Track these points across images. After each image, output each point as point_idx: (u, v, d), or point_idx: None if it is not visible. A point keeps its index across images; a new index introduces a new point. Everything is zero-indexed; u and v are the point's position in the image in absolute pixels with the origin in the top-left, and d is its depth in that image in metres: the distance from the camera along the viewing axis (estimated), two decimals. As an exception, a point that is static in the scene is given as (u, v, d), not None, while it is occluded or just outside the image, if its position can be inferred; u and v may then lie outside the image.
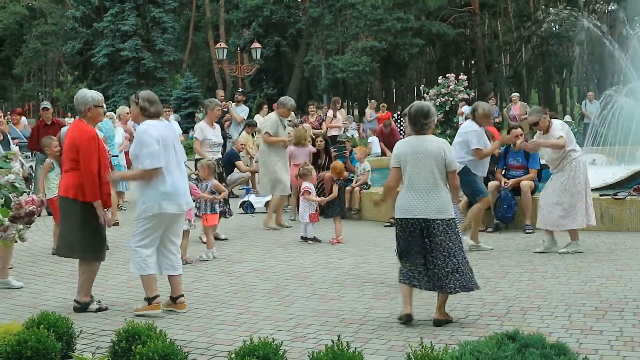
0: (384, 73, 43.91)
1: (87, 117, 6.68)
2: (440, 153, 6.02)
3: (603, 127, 14.39)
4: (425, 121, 6.11)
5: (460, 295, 6.85)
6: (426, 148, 6.03)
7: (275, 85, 45.61)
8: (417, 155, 6.03)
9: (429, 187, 5.98)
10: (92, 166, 6.46)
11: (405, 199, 6.06)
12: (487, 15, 50.93)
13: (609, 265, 8.01)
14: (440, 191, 6.02)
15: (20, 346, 4.61)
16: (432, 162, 5.99)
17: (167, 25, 44.08)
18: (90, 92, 6.87)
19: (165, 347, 4.48)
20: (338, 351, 4.15)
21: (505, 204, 10.39)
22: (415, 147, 6.06)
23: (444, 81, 22.09)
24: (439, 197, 5.99)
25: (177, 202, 6.50)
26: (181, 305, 6.59)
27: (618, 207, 10.16)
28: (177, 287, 6.65)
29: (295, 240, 10.14)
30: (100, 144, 6.63)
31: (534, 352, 3.60)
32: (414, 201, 5.99)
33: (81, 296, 6.66)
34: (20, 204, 4.09)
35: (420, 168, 6.01)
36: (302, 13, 47.65)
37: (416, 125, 6.13)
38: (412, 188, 6.03)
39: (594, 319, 5.97)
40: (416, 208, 5.98)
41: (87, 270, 6.68)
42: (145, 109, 6.50)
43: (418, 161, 6.01)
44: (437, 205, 5.97)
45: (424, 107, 6.19)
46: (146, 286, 6.53)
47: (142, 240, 6.53)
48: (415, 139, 6.12)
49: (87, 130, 6.57)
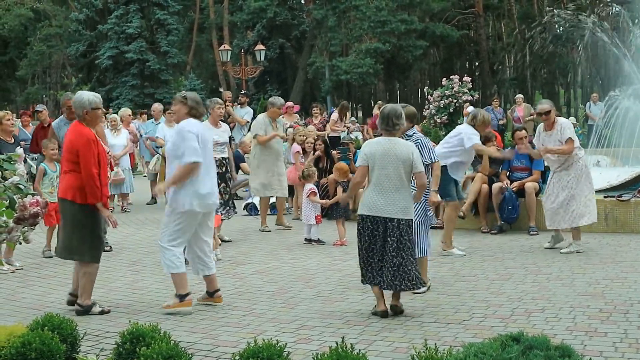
0: (387, 75, 43.87)
1: (86, 120, 6.68)
2: (409, 156, 6.33)
3: (607, 129, 14.38)
4: (397, 122, 6.45)
5: (464, 297, 6.87)
6: (395, 150, 6.34)
7: (279, 87, 45.59)
8: (387, 156, 6.32)
9: (395, 187, 6.29)
10: (92, 169, 6.47)
11: (371, 197, 6.34)
12: (491, 16, 50.84)
13: (614, 267, 7.99)
14: (405, 192, 6.35)
15: (24, 348, 4.62)
16: (400, 164, 6.31)
17: (171, 28, 44.10)
18: (87, 94, 6.85)
19: (170, 349, 4.49)
20: (342, 353, 4.15)
21: (510, 205, 10.38)
22: (385, 149, 6.35)
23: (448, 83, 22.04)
24: (404, 197, 6.32)
25: (208, 202, 6.69)
26: (218, 299, 6.83)
27: (622, 209, 10.14)
28: (212, 283, 6.87)
29: (299, 242, 10.14)
30: (99, 147, 6.63)
31: (538, 354, 3.59)
32: (380, 200, 6.29)
33: (83, 299, 6.66)
34: (24, 205, 4.10)
35: (388, 169, 6.30)
36: (305, 15, 47.62)
37: (388, 125, 6.45)
38: (379, 187, 6.31)
39: (599, 321, 5.95)
40: (382, 207, 6.27)
41: (87, 272, 6.66)
42: (194, 108, 6.75)
43: (387, 162, 6.30)
44: (402, 205, 6.29)
45: (397, 109, 6.59)
46: (177, 284, 6.63)
47: (174, 240, 6.63)
48: (386, 140, 6.43)
49: (86, 134, 6.57)
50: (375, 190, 6.32)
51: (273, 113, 11.45)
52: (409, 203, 6.36)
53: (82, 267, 6.68)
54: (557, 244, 9.16)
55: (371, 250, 6.35)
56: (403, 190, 6.32)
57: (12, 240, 4.14)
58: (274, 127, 11.40)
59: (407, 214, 6.33)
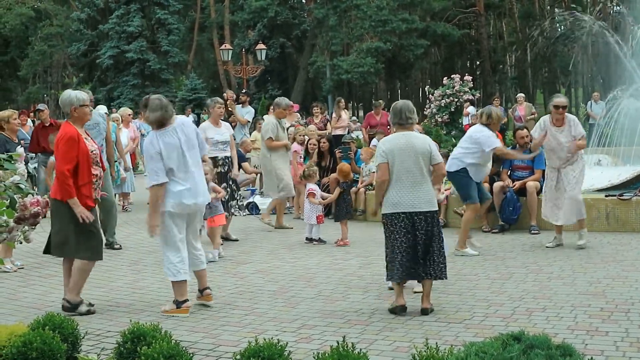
0: (388, 74, 43.86)
1: (74, 118, 6.66)
2: (426, 148, 6.41)
3: (608, 128, 14.36)
4: (410, 116, 6.54)
5: (465, 296, 6.87)
6: (413, 144, 6.39)
7: (280, 86, 45.60)
8: (405, 151, 6.35)
9: (417, 181, 6.34)
10: (63, 165, 6.42)
11: (394, 194, 6.37)
12: (492, 16, 50.82)
13: (615, 266, 7.99)
14: (427, 184, 6.41)
15: (25, 347, 4.61)
16: (419, 157, 6.35)
17: (172, 27, 44.14)
18: (75, 92, 6.84)
19: (171, 348, 4.48)
20: (343, 352, 4.15)
21: (511, 206, 10.39)
22: (403, 143, 6.39)
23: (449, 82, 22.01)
24: (426, 190, 6.38)
25: (185, 202, 6.48)
26: (207, 297, 6.76)
27: (624, 208, 10.13)
28: (202, 279, 6.80)
29: (301, 241, 10.14)
30: (81, 144, 6.53)
31: (539, 353, 3.58)
32: (404, 196, 6.32)
33: (72, 295, 6.61)
34: (25, 205, 4.09)
35: (408, 163, 6.34)
36: (306, 14, 47.63)
37: (401, 119, 6.53)
38: (400, 183, 6.34)
39: (600, 320, 5.95)
40: (406, 202, 6.31)
41: (81, 269, 6.61)
42: (147, 118, 6.58)
43: (406, 157, 6.34)
44: (426, 198, 6.35)
45: (409, 104, 6.72)
46: (176, 291, 6.56)
47: (166, 243, 6.54)
48: (402, 135, 6.49)
49: (67, 131, 6.55)
50: (397, 186, 6.35)
51: (279, 114, 11.46)
52: (432, 195, 6.44)
53: (77, 263, 6.61)
54: (559, 243, 9.15)
55: (401, 246, 6.31)
56: (425, 183, 6.37)
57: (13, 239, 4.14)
58: (282, 128, 11.45)
59: (432, 206, 6.39)
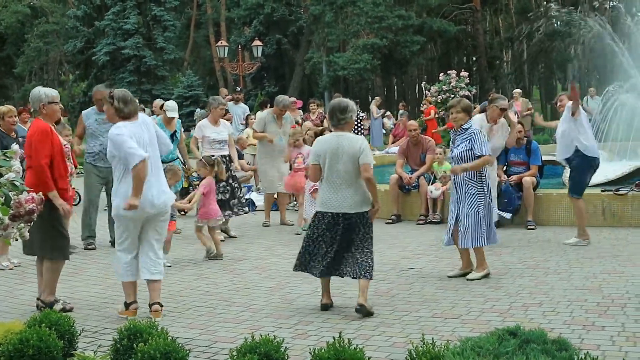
0: (385, 70, 43.81)
1: (43, 115, 6.63)
2: (355, 149, 6.24)
3: (605, 123, 14.38)
4: (342, 116, 6.34)
5: (462, 291, 6.87)
6: (343, 145, 6.28)
7: (277, 83, 45.58)
8: (335, 153, 6.28)
9: (346, 183, 6.26)
10: (41, 159, 6.36)
11: (324, 193, 6.39)
12: (488, 11, 50.83)
13: (611, 261, 8.00)
14: (357, 187, 6.29)
15: (22, 345, 4.61)
16: (348, 159, 6.24)
17: (168, 24, 44.03)
18: (44, 89, 6.80)
19: (167, 345, 4.49)
20: (340, 348, 4.15)
21: (505, 198, 10.31)
22: (334, 145, 6.30)
23: (446, 78, 22.06)
24: (355, 192, 6.28)
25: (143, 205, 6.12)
26: (156, 313, 6.23)
27: (620, 203, 10.15)
28: (152, 293, 6.33)
29: (297, 237, 10.13)
30: (54, 139, 6.51)
31: (535, 348, 3.59)
32: (332, 196, 6.30)
33: (46, 295, 6.56)
34: (20, 202, 4.10)
35: (337, 165, 6.27)
36: (303, 10, 47.56)
37: (333, 120, 6.42)
38: (331, 184, 6.32)
39: (596, 315, 5.96)
40: (334, 203, 6.29)
41: (52, 269, 6.57)
42: (119, 109, 6.22)
43: (337, 159, 6.27)
44: (354, 200, 6.27)
45: (341, 103, 6.46)
46: (124, 291, 6.43)
47: (122, 243, 6.34)
48: (335, 136, 6.39)
49: (40, 126, 6.53)
50: (327, 186, 6.35)
51: (275, 111, 11.49)
52: (361, 197, 6.29)
53: (47, 263, 6.57)
54: None
55: (318, 242, 6.36)
56: (353, 185, 6.26)
57: (8, 237, 4.13)
58: (279, 124, 11.41)
59: (358, 208, 6.28)
